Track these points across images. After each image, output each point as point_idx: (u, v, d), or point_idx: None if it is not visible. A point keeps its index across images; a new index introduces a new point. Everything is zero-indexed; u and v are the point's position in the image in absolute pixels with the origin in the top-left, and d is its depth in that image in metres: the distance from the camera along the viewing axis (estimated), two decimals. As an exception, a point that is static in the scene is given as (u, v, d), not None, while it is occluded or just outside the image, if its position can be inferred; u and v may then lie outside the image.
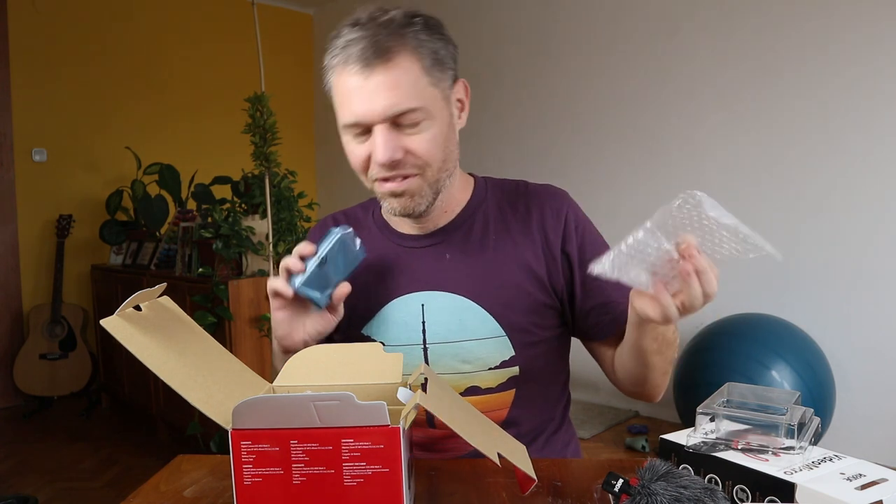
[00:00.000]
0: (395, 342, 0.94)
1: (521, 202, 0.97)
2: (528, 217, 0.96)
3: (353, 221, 1.02)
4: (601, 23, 3.10)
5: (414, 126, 0.83)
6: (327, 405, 0.59)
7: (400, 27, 0.83)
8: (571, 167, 3.20)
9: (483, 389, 0.93)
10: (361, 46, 0.81)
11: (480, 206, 0.97)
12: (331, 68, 0.87)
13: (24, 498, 2.25)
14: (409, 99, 0.82)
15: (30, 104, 3.56)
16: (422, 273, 0.95)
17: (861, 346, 2.37)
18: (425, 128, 0.84)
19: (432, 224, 0.96)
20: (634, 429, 2.67)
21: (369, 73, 0.81)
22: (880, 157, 2.31)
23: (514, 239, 0.95)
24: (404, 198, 0.88)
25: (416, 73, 0.83)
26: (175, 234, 3.03)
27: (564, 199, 0.98)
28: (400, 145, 0.84)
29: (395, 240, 0.98)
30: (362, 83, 0.82)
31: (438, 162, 0.87)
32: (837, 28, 2.38)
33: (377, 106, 0.81)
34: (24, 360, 3.34)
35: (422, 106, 0.83)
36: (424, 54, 0.83)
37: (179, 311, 0.76)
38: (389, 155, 0.83)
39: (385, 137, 0.83)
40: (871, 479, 0.59)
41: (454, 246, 0.95)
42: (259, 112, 2.44)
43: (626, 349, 0.88)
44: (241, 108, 2.49)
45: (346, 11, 0.86)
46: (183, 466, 0.84)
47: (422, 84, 0.83)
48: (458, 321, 0.92)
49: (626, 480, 0.59)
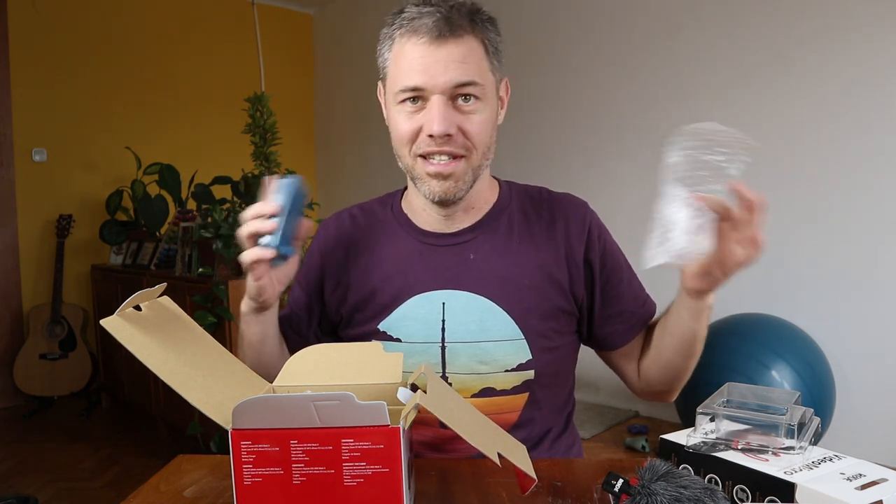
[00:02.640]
0: (413, 339, 0.94)
1: (544, 208, 0.99)
2: (552, 224, 0.97)
3: (371, 216, 1.02)
4: (600, 22, 3.10)
5: (470, 105, 0.86)
6: (327, 405, 0.59)
7: (470, 12, 0.87)
8: (571, 167, 3.20)
9: (498, 391, 0.93)
10: (435, 19, 0.84)
11: (506, 209, 0.98)
12: (391, 38, 0.89)
13: (24, 498, 2.25)
14: (474, 74, 0.85)
15: (30, 104, 3.56)
16: (445, 271, 0.95)
17: (861, 346, 2.37)
18: (479, 109, 0.87)
19: (458, 222, 0.97)
20: (634, 429, 2.67)
21: (441, 44, 0.84)
22: (881, 156, 2.31)
23: (537, 244, 0.96)
24: (448, 181, 0.89)
25: (481, 54, 0.87)
26: (175, 234, 3.03)
27: (587, 210, 1.00)
28: (454, 121, 0.86)
29: (418, 236, 0.98)
30: (431, 52, 0.84)
31: (484, 147, 0.90)
32: (837, 27, 2.38)
33: (443, 75, 0.84)
34: (24, 360, 3.34)
35: (483, 83, 0.86)
36: (488, 41, 0.88)
37: (179, 311, 0.76)
38: (445, 127, 0.85)
39: (442, 109, 0.85)
40: (871, 479, 0.59)
41: (479, 246, 0.96)
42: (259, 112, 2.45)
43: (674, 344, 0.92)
44: (241, 108, 2.50)
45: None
46: (183, 466, 0.84)
47: (484, 66, 0.87)
48: (479, 322, 0.93)
49: (626, 480, 0.59)
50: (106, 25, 3.82)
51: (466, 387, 0.93)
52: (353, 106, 4.46)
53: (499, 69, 0.91)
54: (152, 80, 3.99)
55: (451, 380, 0.93)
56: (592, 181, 3.10)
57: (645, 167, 2.97)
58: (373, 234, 1.00)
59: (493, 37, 0.89)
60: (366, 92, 4.29)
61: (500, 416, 0.94)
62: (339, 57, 4.54)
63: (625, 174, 3.02)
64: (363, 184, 4.39)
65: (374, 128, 4.23)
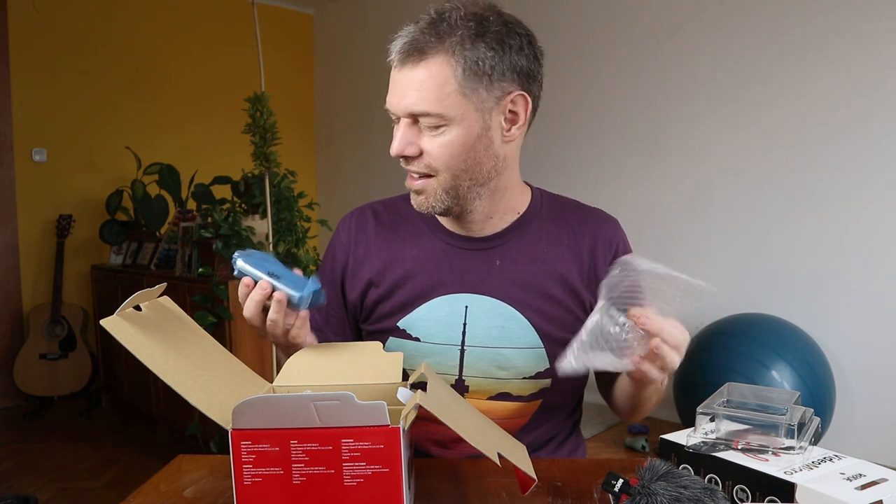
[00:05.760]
0: (433, 339, 0.94)
1: (574, 220, 0.99)
2: (580, 236, 0.97)
3: (394, 212, 1.02)
4: (600, 22, 3.10)
5: (432, 129, 0.85)
6: (327, 405, 0.59)
7: (447, 29, 0.82)
8: (570, 167, 3.20)
9: (514, 397, 0.94)
10: (403, 41, 0.84)
11: (536, 217, 0.98)
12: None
13: (24, 498, 2.25)
14: (428, 103, 0.83)
15: (30, 104, 3.56)
16: (470, 275, 0.95)
17: (861, 346, 2.37)
18: (443, 133, 0.85)
19: (487, 228, 0.96)
20: (634, 429, 2.67)
21: (402, 67, 0.84)
22: (881, 156, 2.31)
23: (563, 255, 0.96)
24: (420, 196, 0.90)
25: (445, 78, 0.82)
26: (175, 234, 3.03)
27: (617, 229, 1.01)
28: (415, 142, 0.86)
29: (445, 238, 0.97)
30: (396, 74, 0.86)
31: (454, 169, 0.86)
32: (836, 26, 2.38)
33: (400, 100, 0.85)
34: (24, 360, 3.34)
35: (440, 112, 0.83)
36: (460, 62, 0.82)
37: (179, 311, 0.76)
38: (400, 149, 0.86)
39: (403, 132, 0.86)
40: (871, 479, 0.59)
41: (506, 253, 0.96)
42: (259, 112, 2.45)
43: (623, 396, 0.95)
44: (241, 108, 2.49)
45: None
46: (183, 466, 0.84)
47: (447, 90, 0.82)
48: (500, 328, 0.93)
49: (626, 480, 0.59)
50: (106, 25, 3.82)
51: (483, 390, 0.94)
52: (353, 106, 4.45)
53: (486, 87, 0.83)
54: (152, 80, 3.99)
55: (468, 382, 0.94)
56: (592, 181, 3.10)
57: (645, 167, 2.97)
58: (396, 230, 1.00)
59: (476, 54, 0.82)
60: (366, 92, 4.29)
61: (511, 420, 0.95)
62: (339, 57, 4.54)
63: (625, 174, 3.03)
64: (363, 184, 4.38)
65: (374, 128, 4.23)
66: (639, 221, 2.97)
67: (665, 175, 2.89)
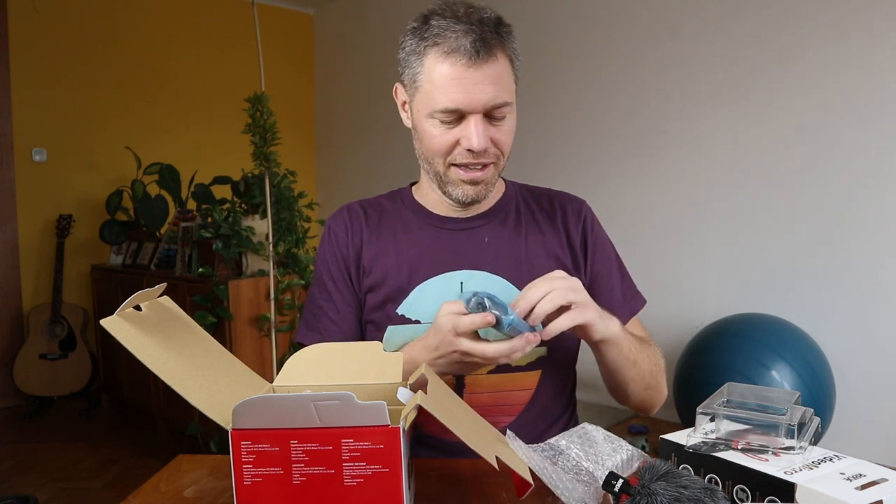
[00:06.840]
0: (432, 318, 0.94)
1: (544, 200, 1.08)
2: (552, 213, 1.06)
3: (379, 210, 1.06)
4: (600, 22, 3.10)
5: (502, 119, 0.92)
6: (327, 405, 0.59)
7: (497, 26, 0.90)
8: (570, 167, 3.20)
9: (512, 367, 0.97)
10: (472, 39, 0.86)
11: (513, 200, 1.06)
12: (422, 52, 0.90)
13: (24, 498, 2.25)
14: (506, 93, 0.90)
15: (30, 104, 3.56)
16: (461, 253, 1.00)
17: (861, 346, 2.37)
18: (508, 121, 0.93)
19: (471, 210, 1.03)
20: (634, 429, 2.67)
21: (478, 66, 0.87)
22: (881, 156, 2.31)
23: (542, 230, 1.04)
24: (479, 186, 0.96)
25: (509, 70, 0.91)
26: (175, 234, 3.03)
27: (584, 204, 1.09)
28: (489, 135, 0.91)
29: (433, 221, 1.03)
30: (469, 74, 0.87)
31: (509, 153, 0.97)
32: (837, 26, 2.38)
33: (481, 96, 0.88)
34: (24, 360, 3.34)
35: (512, 101, 0.92)
36: (513, 53, 0.92)
37: (179, 311, 0.76)
38: (485, 143, 0.90)
39: (480, 126, 0.90)
40: (871, 479, 0.59)
41: (493, 231, 1.02)
42: (259, 112, 2.45)
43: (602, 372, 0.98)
44: (241, 108, 2.50)
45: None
46: (183, 466, 0.84)
47: (511, 80, 0.92)
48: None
49: (626, 480, 0.59)
50: (106, 25, 3.82)
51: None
52: (353, 106, 4.45)
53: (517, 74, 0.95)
54: (152, 80, 3.99)
55: None
56: (592, 181, 3.10)
57: (645, 167, 2.97)
58: (384, 223, 1.05)
59: (515, 46, 0.93)
60: (366, 92, 4.30)
61: (516, 393, 0.98)
62: (339, 57, 4.54)
63: (625, 174, 3.02)
64: (363, 184, 4.38)
65: (374, 128, 4.23)
66: (639, 221, 2.96)
67: (665, 175, 2.89)
